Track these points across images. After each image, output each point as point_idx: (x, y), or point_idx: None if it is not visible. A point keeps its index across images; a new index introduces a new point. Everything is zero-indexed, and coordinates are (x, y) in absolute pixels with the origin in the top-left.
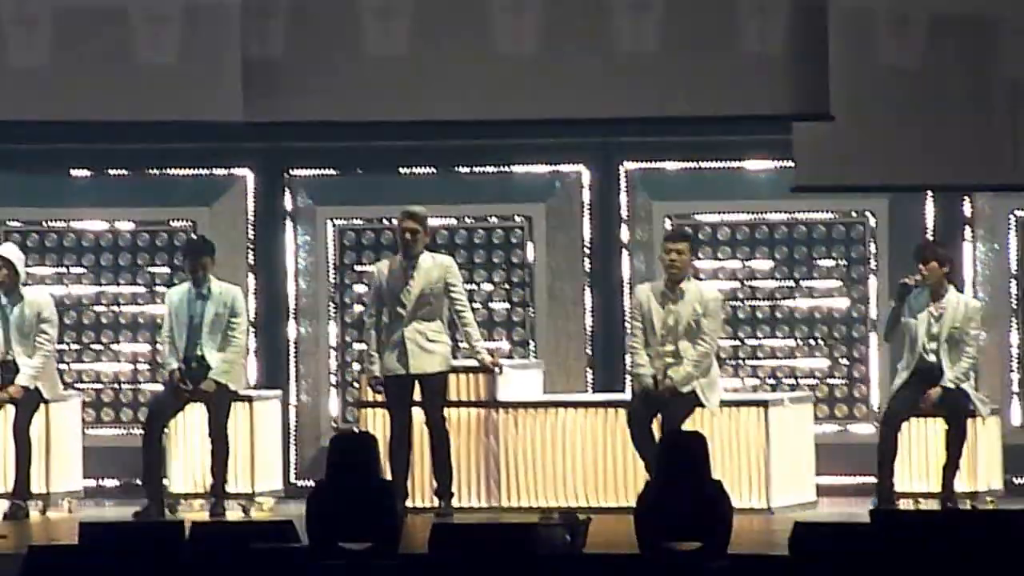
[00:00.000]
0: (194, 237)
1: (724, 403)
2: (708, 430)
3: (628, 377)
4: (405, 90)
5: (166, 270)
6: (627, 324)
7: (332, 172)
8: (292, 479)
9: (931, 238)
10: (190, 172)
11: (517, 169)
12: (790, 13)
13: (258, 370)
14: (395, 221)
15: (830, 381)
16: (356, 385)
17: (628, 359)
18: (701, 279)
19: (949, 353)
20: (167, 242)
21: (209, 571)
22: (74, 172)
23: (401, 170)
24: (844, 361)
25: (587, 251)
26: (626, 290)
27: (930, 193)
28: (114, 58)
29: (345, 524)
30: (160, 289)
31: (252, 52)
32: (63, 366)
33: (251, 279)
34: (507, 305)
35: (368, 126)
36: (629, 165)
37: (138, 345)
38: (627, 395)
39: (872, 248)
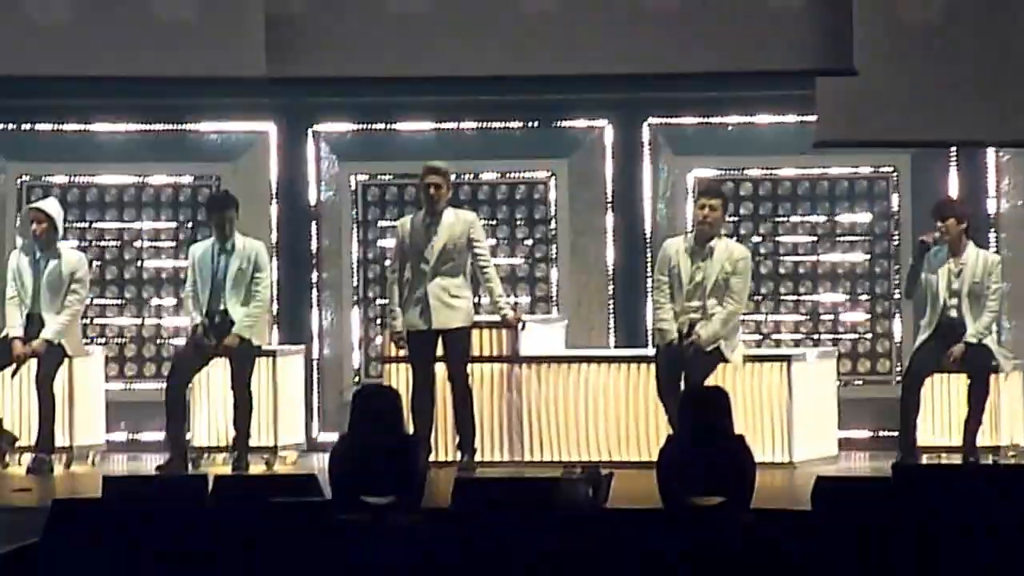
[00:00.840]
0: (217, 192)
1: (747, 358)
2: (731, 385)
3: (651, 332)
4: (429, 46)
5: (189, 226)
6: (652, 278)
7: (355, 127)
8: (315, 433)
9: (950, 194)
10: (213, 128)
11: (540, 125)
12: None
13: (281, 325)
14: (418, 176)
15: (853, 336)
16: (379, 340)
17: (652, 313)
18: (723, 234)
19: (971, 308)
20: (190, 197)
21: (232, 524)
22: (98, 128)
23: (424, 126)
24: (867, 317)
25: (610, 206)
26: (648, 245)
27: (953, 148)
28: (136, 14)
29: (368, 478)
30: (184, 244)
31: (275, 7)
32: (85, 320)
33: (274, 234)
34: (530, 260)
35: (391, 81)
36: (652, 120)
37: (162, 300)
38: (650, 350)
39: (895, 203)
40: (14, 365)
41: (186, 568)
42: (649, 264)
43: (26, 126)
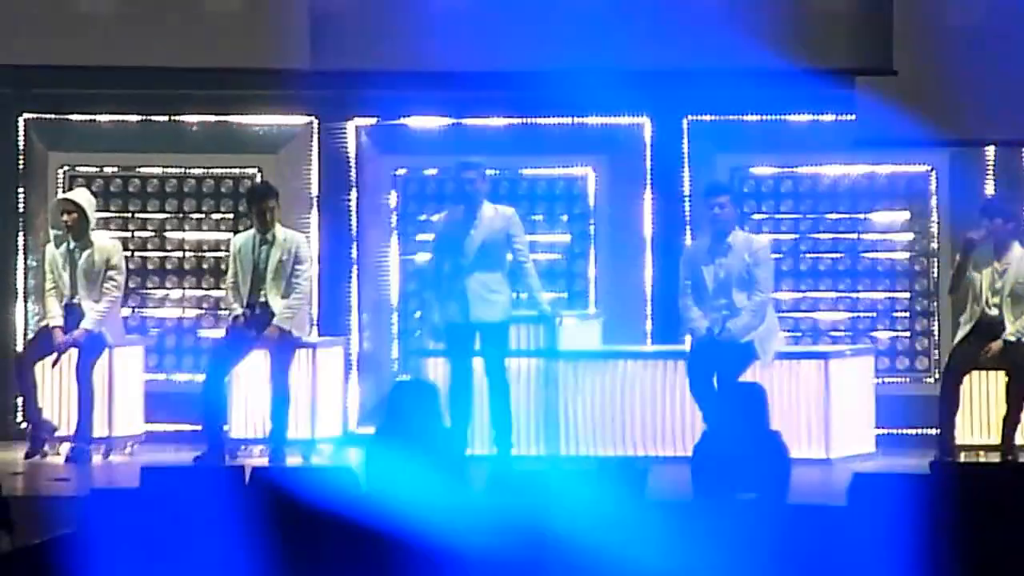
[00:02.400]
0: (258, 182)
1: (785, 355)
2: (768, 381)
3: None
4: (470, 40)
5: (230, 216)
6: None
7: (397, 121)
8: (353, 426)
9: (997, 193)
10: (255, 119)
11: (580, 120)
12: None
13: (320, 317)
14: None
15: (891, 334)
16: (418, 333)
17: (682, 317)
18: (764, 231)
19: (1012, 307)
20: (232, 188)
21: (268, 516)
22: (140, 118)
23: (464, 120)
24: (906, 314)
25: (649, 202)
26: (688, 242)
27: (991, 147)
28: (183, 5)
29: (406, 471)
30: (225, 235)
31: (320, 0)
32: (126, 311)
33: (314, 226)
34: (568, 256)
35: (433, 76)
36: (692, 117)
37: (202, 291)
38: (686, 347)
39: (933, 202)
40: (55, 354)
41: (223, 559)
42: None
43: (67, 116)
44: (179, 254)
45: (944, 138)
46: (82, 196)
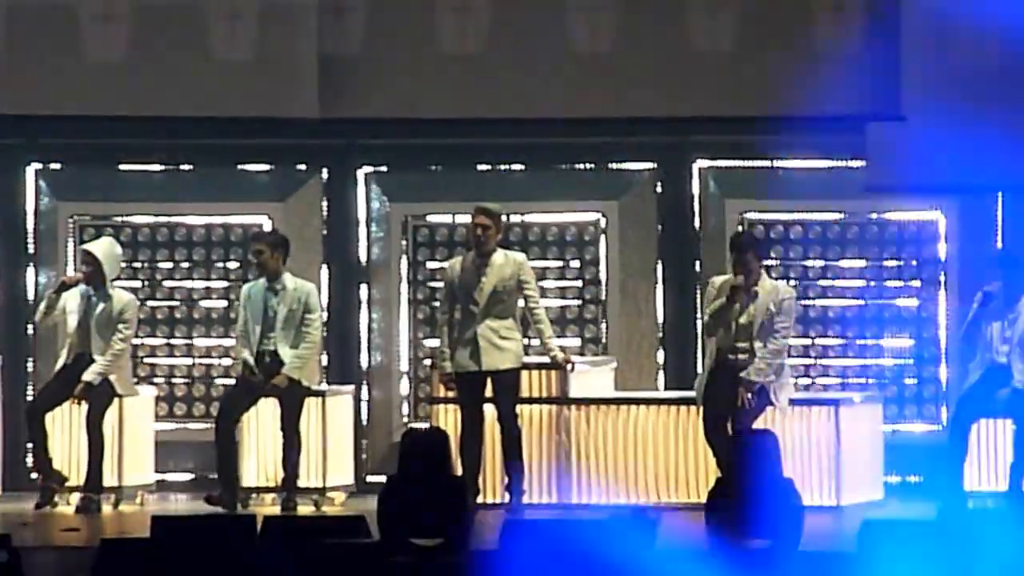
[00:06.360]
0: (268, 231)
1: (795, 402)
2: (779, 428)
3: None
4: (480, 87)
5: (240, 265)
6: (701, 312)
7: (405, 168)
8: (364, 474)
9: (1010, 242)
10: (265, 168)
11: (590, 166)
12: (863, 14)
13: (330, 366)
14: (468, 218)
15: (900, 381)
16: (428, 381)
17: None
18: (773, 276)
19: (1021, 355)
20: (241, 237)
21: (280, 565)
22: (149, 167)
23: (474, 167)
24: (914, 361)
25: (659, 248)
26: (698, 287)
27: (1000, 194)
28: (192, 54)
29: (416, 520)
30: (234, 284)
31: (329, 49)
32: (136, 359)
33: (324, 275)
34: (579, 302)
35: (442, 123)
36: (702, 163)
37: (212, 340)
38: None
39: (943, 248)
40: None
41: None
42: (699, 306)
43: (76, 166)
44: (189, 303)
45: (953, 184)
46: (100, 248)
